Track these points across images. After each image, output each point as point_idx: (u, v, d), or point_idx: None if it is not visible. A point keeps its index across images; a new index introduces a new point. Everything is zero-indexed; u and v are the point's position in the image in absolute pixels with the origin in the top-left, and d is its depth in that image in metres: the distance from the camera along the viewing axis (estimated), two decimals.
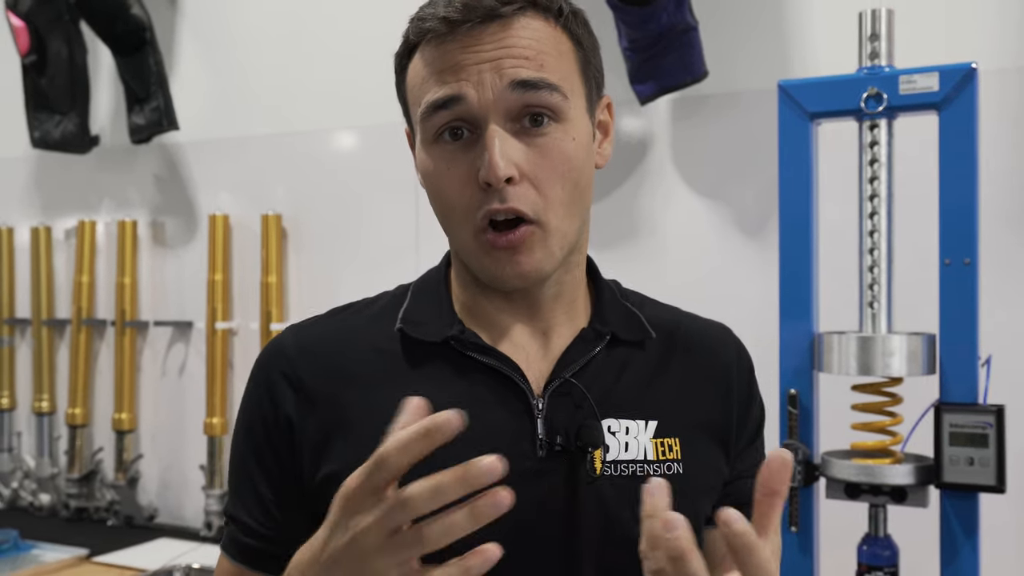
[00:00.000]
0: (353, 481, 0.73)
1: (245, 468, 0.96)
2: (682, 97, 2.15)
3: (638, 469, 0.94)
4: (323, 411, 0.94)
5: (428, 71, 0.89)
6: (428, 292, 1.00)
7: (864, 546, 1.61)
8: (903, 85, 1.56)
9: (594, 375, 0.95)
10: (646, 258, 2.20)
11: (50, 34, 2.68)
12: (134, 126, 2.67)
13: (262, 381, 0.97)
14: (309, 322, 1.01)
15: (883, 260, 1.60)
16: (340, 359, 0.96)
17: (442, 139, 0.89)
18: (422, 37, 0.90)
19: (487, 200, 0.87)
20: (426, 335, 0.95)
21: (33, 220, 3.08)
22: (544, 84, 0.87)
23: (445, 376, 0.94)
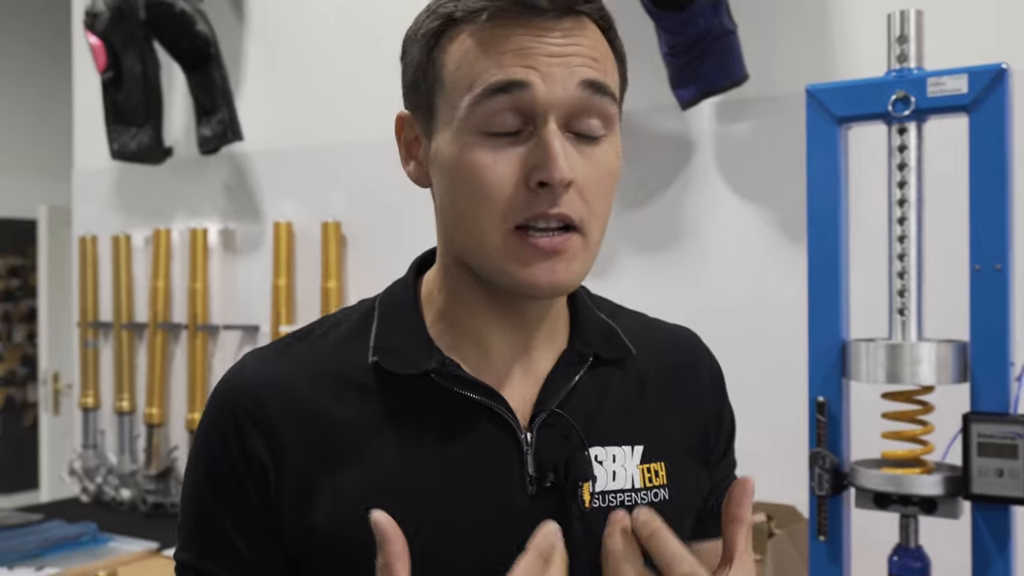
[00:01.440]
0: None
1: (207, 514, 0.88)
2: (725, 100, 2.14)
3: (626, 499, 0.90)
4: (297, 455, 0.86)
5: (483, 51, 0.82)
6: (398, 311, 0.93)
7: (895, 557, 1.58)
8: (931, 87, 1.53)
9: (579, 402, 0.91)
10: (690, 262, 2.19)
11: (125, 51, 2.81)
12: (202, 138, 2.78)
13: (226, 421, 0.88)
14: (270, 351, 0.93)
15: (912, 266, 1.56)
16: (310, 395, 0.88)
17: (490, 128, 0.82)
18: (474, 15, 0.83)
19: (535, 202, 0.81)
20: (402, 367, 0.88)
21: (114, 228, 3.23)
22: (608, 91, 0.83)
23: (427, 413, 0.88)
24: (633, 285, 2.24)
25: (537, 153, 0.80)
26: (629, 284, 2.25)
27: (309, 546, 0.85)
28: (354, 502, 0.82)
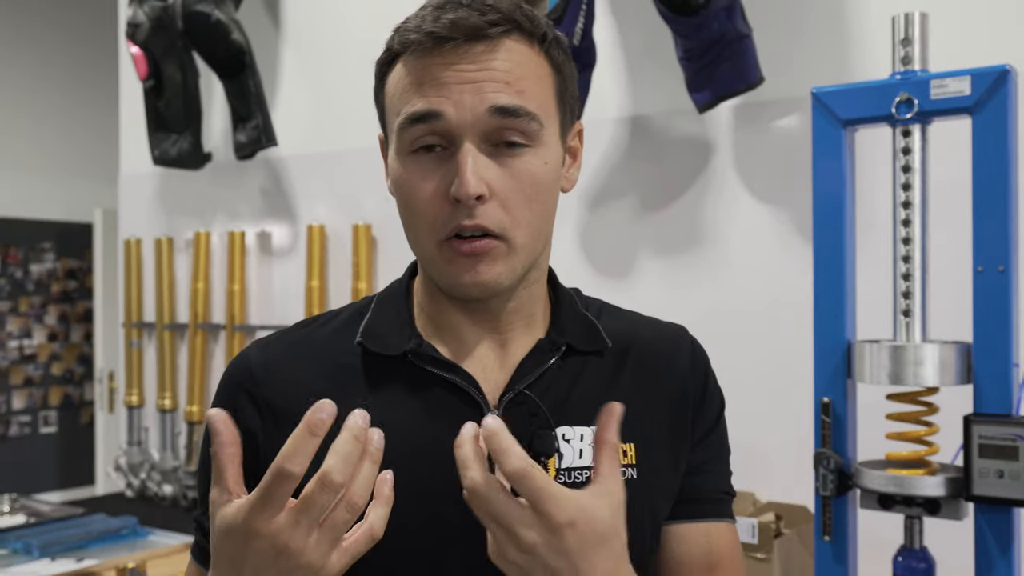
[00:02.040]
0: (251, 507, 0.76)
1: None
2: (743, 103, 2.15)
3: (590, 475, 0.92)
4: (286, 427, 0.90)
5: (409, 82, 0.91)
6: (390, 304, 1.02)
7: (899, 557, 1.59)
8: (934, 89, 1.53)
9: (549, 385, 0.98)
10: (709, 263, 2.21)
11: (165, 60, 2.90)
12: (238, 143, 2.86)
13: (227, 397, 0.99)
14: (274, 337, 1.04)
15: (917, 268, 1.57)
16: (301, 374, 0.98)
17: (417, 151, 0.91)
18: (405, 48, 0.92)
19: (456, 215, 0.89)
20: (384, 349, 0.97)
21: (157, 232, 3.33)
22: (522, 112, 0.89)
23: (403, 390, 0.96)
24: (653, 286, 2.27)
25: (453, 171, 0.89)
26: (649, 285, 2.27)
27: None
28: None
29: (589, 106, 2.19)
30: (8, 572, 2.33)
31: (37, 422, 5.99)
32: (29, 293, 5.98)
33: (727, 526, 1.08)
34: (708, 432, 1.08)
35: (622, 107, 2.31)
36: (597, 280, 2.32)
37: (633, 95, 2.31)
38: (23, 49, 5.88)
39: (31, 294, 5.99)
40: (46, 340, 6.05)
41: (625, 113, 2.31)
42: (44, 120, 5.96)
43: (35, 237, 5.99)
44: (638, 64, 2.30)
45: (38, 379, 6.01)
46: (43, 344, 6.04)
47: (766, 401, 2.12)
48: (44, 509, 2.94)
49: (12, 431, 5.87)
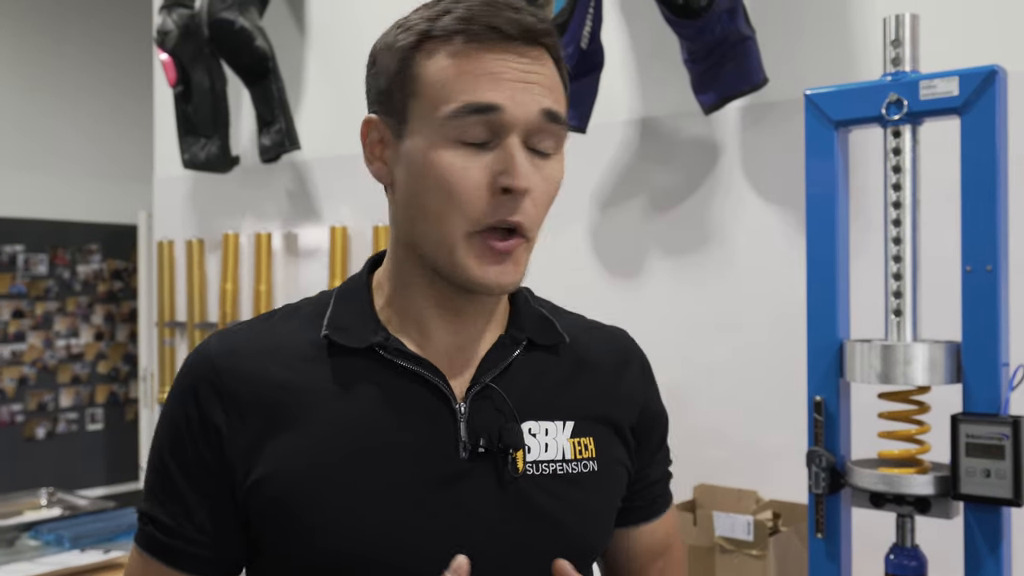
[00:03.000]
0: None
1: (167, 473, 0.97)
2: (749, 104, 2.17)
3: (558, 468, 1.00)
4: (251, 419, 0.95)
5: (459, 70, 0.91)
6: (351, 298, 1.02)
7: (891, 555, 1.60)
8: (923, 90, 1.54)
9: (512, 379, 1.00)
10: (716, 266, 2.22)
11: (194, 66, 2.98)
12: (262, 147, 2.93)
13: (188, 388, 0.97)
14: (235, 329, 1.02)
15: (908, 268, 1.58)
16: (266, 367, 0.97)
17: (463, 139, 0.91)
18: (451, 37, 0.92)
19: (499, 208, 0.90)
20: (350, 341, 0.97)
21: (189, 234, 3.42)
22: (562, 119, 0.94)
23: (369, 383, 0.97)
24: (661, 285, 2.29)
25: (502, 162, 0.90)
26: (657, 286, 2.29)
27: (255, 499, 0.95)
28: (297, 458, 0.93)
29: (598, 109, 2.22)
30: (38, 563, 2.42)
31: (84, 419, 6.15)
32: (76, 293, 6.14)
33: (672, 508, 1.18)
34: (663, 441, 1.14)
35: (631, 109, 2.34)
36: (607, 279, 2.34)
37: (642, 97, 2.33)
38: (70, 58, 6.05)
39: (78, 294, 6.15)
40: (93, 339, 6.21)
41: (634, 115, 2.33)
42: (90, 125, 6.12)
43: (82, 239, 6.15)
44: (646, 66, 2.32)
45: (85, 377, 6.17)
46: (90, 343, 6.20)
47: (770, 400, 2.13)
48: (79, 503, 3.04)
49: (60, 428, 6.04)
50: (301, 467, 0.93)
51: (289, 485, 0.93)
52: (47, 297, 5.99)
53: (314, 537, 0.93)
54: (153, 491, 0.99)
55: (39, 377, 5.94)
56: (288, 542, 0.95)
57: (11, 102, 5.83)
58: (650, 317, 2.23)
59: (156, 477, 0.99)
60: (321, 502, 0.93)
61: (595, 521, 1.04)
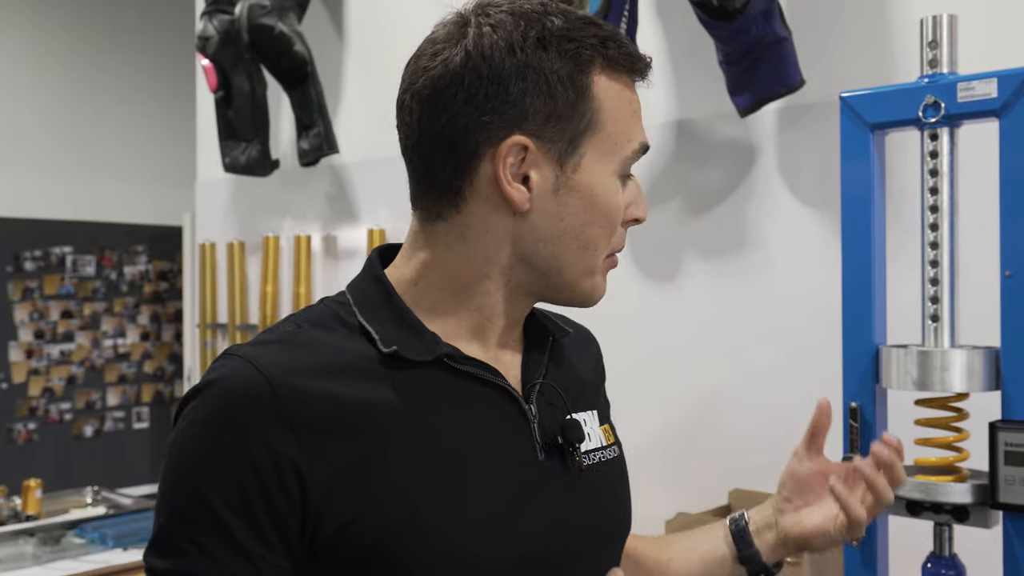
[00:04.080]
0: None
1: (217, 522, 0.81)
2: (786, 106, 2.15)
3: (600, 456, 1.02)
4: (332, 450, 0.84)
5: (630, 110, 0.96)
6: (383, 306, 0.94)
7: (928, 564, 1.57)
8: (961, 93, 1.51)
9: (550, 375, 1.02)
10: (753, 269, 2.20)
11: (234, 72, 3.02)
12: (301, 151, 2.96)
13: (242, 421, 0.82)
14: (275, 349, 0.88)
15: (945, 273, 1.55)
16: (330, 387, 0.86)
17: (625, 175, 0.96)
18: (619, 65, 0.93)
19: (623, 235, 0.98)
20: (419, 354, 0.91)
21: (230, 236, 3.46)
22: None
23: (443, 394, 0.91)
24: (698, 287, 2.27)
25: (632, 194, 0.97)
26: (693, 288, 2.28)
27: (347, 545, 0.84)
28: (390, 490, 0.85)
29: None
30: (82, 560, 2.47)
31: (130, 418, 6.26)
32: (123, 294, 6.24)
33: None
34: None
35: (667, 112, 2.33)
36: (644, 282, 2.34)
37: (678, 100, 2.32)
38: (118, 61, 6.15)
39: (125, 295, 6.25)
40: (139, 339, 6.31)
41: (670, 118, 2.32)
42: (137, 129, 6.22)
43: (129, 240, 6.25)
44: (681, 69, 2.31)
45: (131, 377, 6.27)
46: (136, 343, 6.30)
47: (806, 405, 2.10)
48: (123, 502, 3.10)
49: (107, 426, 6.14)
50: (396, 500, 0.84)
51: (387, 524, 0.84)
52: (95, 298, 6.10)
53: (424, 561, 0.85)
54: (189, 546, 0.81)
55: (87, 376, 6.05)
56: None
57: (60, 110, 5.94)
58: (686, 320, 2.21)
59: (197, 527, 0.82)
60: (425, 537, 0.85)
61: (628, 504, 1.09)
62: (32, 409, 5.82)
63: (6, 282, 5.75)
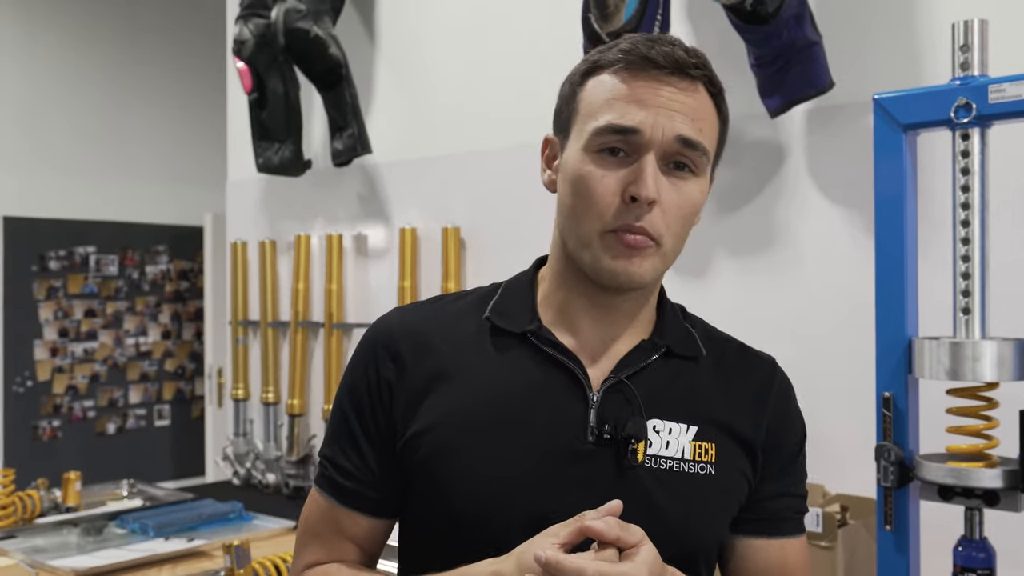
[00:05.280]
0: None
1: (346, 421, 1.14)
2: (815, 107, 2.21)
3: (675, 465, 1.09)
4: (414, 380, 1.11)
5: (614, 94, 1.05)
6: (517, 290, 1.17)
7: (959, 548, 1.64)
8: (992, 94, 1.58)
9: (646, 379, 1.11)
10: (783, 268, 2.27)
11: (268, 74, 3.09)
12: (335, 151, 3.03)
13: (368, 351, 1.14)
14: (412, 306, 1.20)
15: (976, 267, 1.61)
16: (432, 338, 1.12)
17: (604, 152, 1.05)
18: (612, 64, 1.06)
19: (626, 213, 1.04)
20: (508, 325, 1.12)
21: (262, 235, 3.53)
22: (699, 147, 1.06)
23: (519, 362, 1.11)
24: (729, 285, 2.34)
25: (634, 174, 1.04)
26: (723, 287, 2.34)
27: (409, 449, 1.09)
28: (448, 416, 1.07)
29: None
30: (126, 549, 2.53)
31: (152, 415, 6.33)
32: (145, 293, 6.32)
33: (800, 540, 1.21)
34: (791, 461, 1.20)
35: None
36: (675, 279, 2.40)
37: None
38: (141, 63, 6.23)
39: (146, 294, 6.33)
40: (160, 338, 6.39)
41: None
42: (159, 130, 6.30)
43: (150, 240, 6.32)
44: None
45: (153, 375, 6.34)
46: (157, 341, 6.37)
47: (838, 396, 2.17)
48: (159, 494, 3.17)
49: (129, 424, 6.22)
50: (448, 428, 1.08)
51: (435, 442, 1.08)
52: (117, 297, 6.18)
53: (447, 492, 1.06)
54: (334, 437, 1.16)
55: (109, 374, 6.13)
56: (427, 493, 1.08)
57: (84, 113, 6.02)
58: (717, 317, 2.26)
59: (336, 424, 1.16)
60: (458, 462, 1.07)
61: (703, 521, 1.11)
62: (56, 407, 5.90)
63: (31, 281, 5.83)
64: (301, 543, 1.18)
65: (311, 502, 1.18)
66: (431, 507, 1.09)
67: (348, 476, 1.13)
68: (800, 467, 1.23)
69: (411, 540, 1.16)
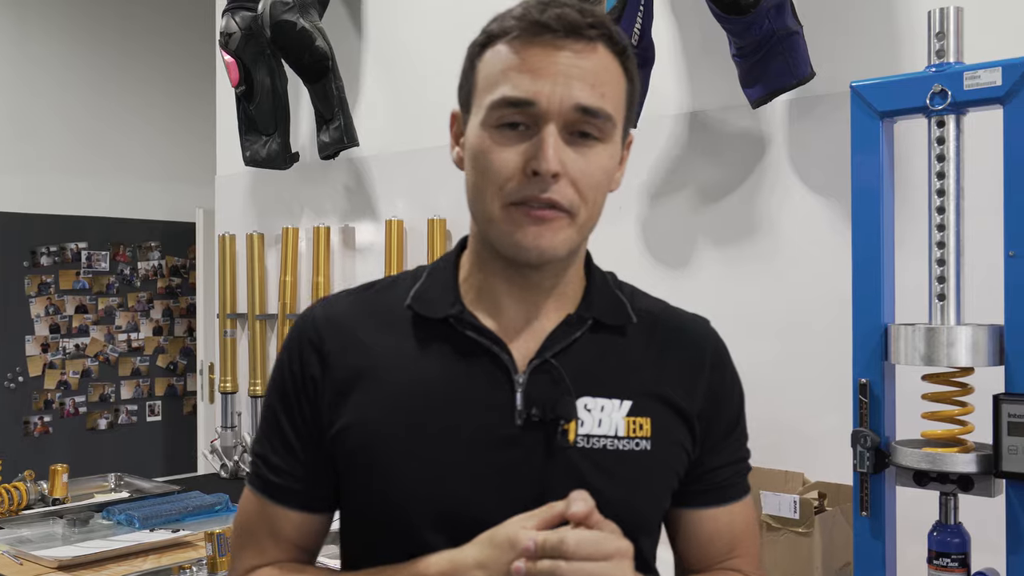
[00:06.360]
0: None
1: (275, 418, 1.12)
2: (797, 97, 2.22)
3: (608, 443, 1.06)
4: (339, 375, 1.08)
5: (507, 65, 1.01)
6: (439, 273, 1.13)
7: (934, 532, 1.64)
8: (967, 81, 1.58)
9: (575, 356, 1.08)
10: (764, 256, 2.27)
11: (256, 67, 3.09)
12: (321, 144, 3.03)
13: (294, 346, 1.12)
14: (339, 297, 1.17)
15: (951, 254, 1.62)
16: (356, 331, 1.10)
17: (502, 126, 1.01)
18: (506, 33, 1.02)
19: (529, 187, 0.99)
20: (429, 312, 1.09)
21: (249, 228, 3.54)
22: (601, 113, 1.01)
23: (443, 350, 1.08)
24: (711, 275, 2.34)
25: (535, 147, 1.00)
26: (706, 277, 2.35)
27: (337, 446, 1.07)
28: (372, 412, 1.05)
29: (648, 103, 2.28)
30: (112, 540, 2.54)
31: (144, 411, 6.33)
32: (136, 289, 6.32)
33: (745, 501, 1.20)
34: (732, 427, 1.18)
35: (681, 104, 2.40)
36: (658, 270, 2.41)
37: (691, 92, 2.39)
38: (132, 60, 6.23)
39: (138, 290, 6.33)
40: (152, 334, 6.39)
41: (683, 109, 2.40)
42: (151, 126, 6.30)
43: (142, 236, 6.32)
44: (696, 61, 2.38)
45: (144, 370, 6.34)
46: (149, 337, 6.37)
47: (818, 386, 2.18)
48: (146, 486, 3.17)
49: (121, 419, 6.22)
50: (373, 421, 1.05)
51: (362, 438, 1.05)
52: (109, 292, 6.18)
53: (379, 486, 1.04)
54: (264, 434, 1.14)
55: (101, 370, 6.13)
56: (359, 488, 1.07)
57: (75, 109, 6.01)
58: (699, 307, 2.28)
59: (265, 421, 1.14)
60: (387, 455, 1.04)
61: (641, 499, 1.09)
62: (48, 402, 5.90)
63: (23, 277, 5.82)
64: (237, 546, 1.15)
65: (244, 501, 1.15)
66: (363, 502, 1.08)
67: (279, 473, 1.11)
68: (741, 430, 1.20)
69: (349, 534, 1.13)
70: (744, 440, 1.22)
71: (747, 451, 1.22)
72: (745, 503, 1.20)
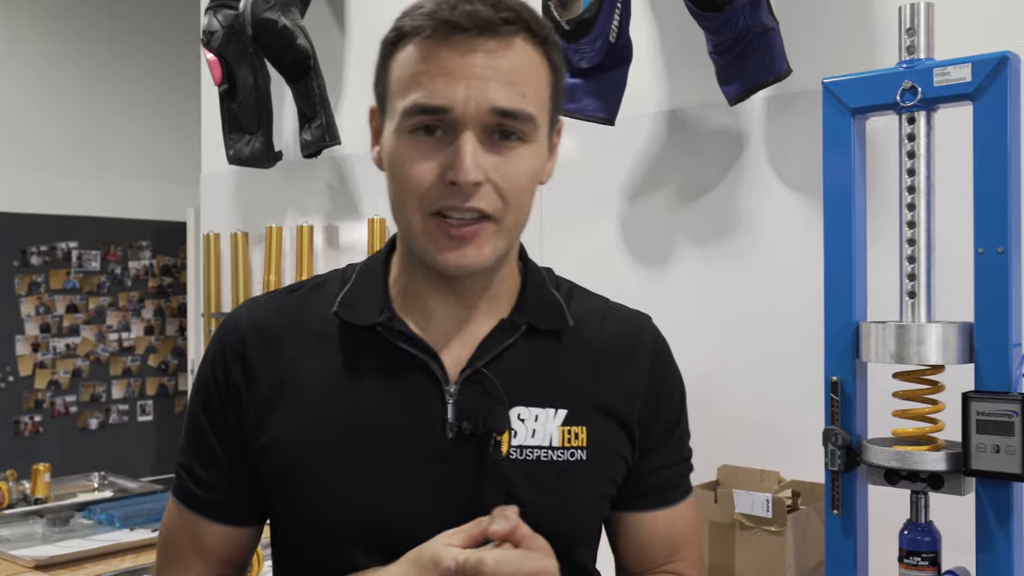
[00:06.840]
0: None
1: (199, 427, 1.08)
2: (774, 94, 2.21)
3: (542, 454, 1.02)
4: (264, 386, 1.03)
5: (419, 68, 0.95)
6: (368, 275, 1.09)
7: (905, 531, 1.64)
8: (937, 77, 1.58)
9: (508, 364, 1.04)
10: (742, 253, 2.27)
11: (238, 65, 3.08)
12: (303, 142, 3.03)
13: (217, 352, 1.07)
14: (267, 298, 1.11)
15: (922, 251, 1.61)
16: (282, 337, 1.05)
17: (417, 132, 0.96)
18: (417, 32, 0.96)
19: (449, 196, 0.94)
20: (356, 319, 1.04)
21: (234, 227, 3.53)
22: (522, 115, 0.96)
23: (371, 361, 1.03)
24: (689, 273, 2.34)
25: (451, 156, 0.94)
26: (684, 275, 2.34)
27: (263, 460, 1.03)
28: (297, 427, 1.01)
29: (627, 102, 2.27)
30: (91, 539, 2.53)
31: (135, 411, 6.33)
32: (127, 288, 6.31)
33: (687, 503, 1.17)
34: (672, 426, 1.14)
35: (659, 102, 2.39)
36: (636, 268, 2.40)
37: (669, 90, 2.38)
38: (122, 59, 6.22)
39: (129, 289, 6.32)
40: (143, 333, 6.38)
41: (662, 107, 2.39)
42: (141, 126, 6.29)
43: (133, 235, 6.32)
44: (674, 59, 2.38)
45: (136, 370, 6.34)
46: (140, 337, 6.37)
47: (795, 385, 2.17)
48: (129, 486, 3.16)
49: (112, 419, 6.21)
50: (300, 436, 1.01)
51: (289, 453, 1.01)
52: (100, 292, 6.17)
53: (307, 502, 1.01)
54: (188, 444, 1.10)
55: (92, 370, 6.12)
56: (286, 505, 1.03)
57: (65, 108, 6.01)
58: (678, 304, 2.28)
59: (189, 431, 1.10)
60: (316, 471, 1.00)
61: (575, 510, 1.06)
62: (38, 402, 5.90)
63: (13, 276, 5.82)
64: (161, 561, 1.12)
65: (169, 513, 1.12)
66: (290, 518, 1.04)
67: (203, 485, 1.07)
68: (682, 430, 1.17)
69: (279, 546, 1.10)
70: (686, 440, 1.19)
71: (689, 450, 1.19)
72: (687, 505, 1.17)
